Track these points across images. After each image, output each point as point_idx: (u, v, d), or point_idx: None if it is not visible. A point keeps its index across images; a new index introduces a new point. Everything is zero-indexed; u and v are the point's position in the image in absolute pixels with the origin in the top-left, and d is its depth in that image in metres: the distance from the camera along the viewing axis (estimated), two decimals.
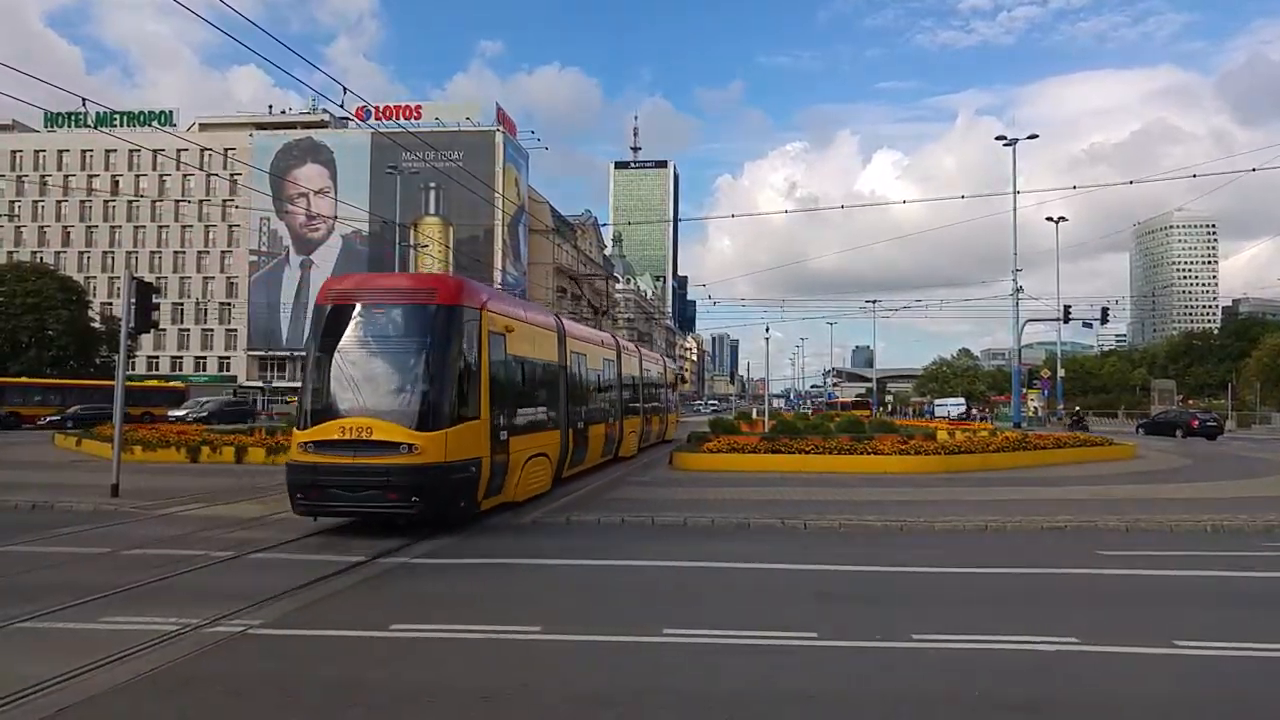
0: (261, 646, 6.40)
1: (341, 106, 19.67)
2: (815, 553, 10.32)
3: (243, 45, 24.06)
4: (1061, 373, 59.57)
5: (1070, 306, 44.55)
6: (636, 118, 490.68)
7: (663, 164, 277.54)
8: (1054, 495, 15.42)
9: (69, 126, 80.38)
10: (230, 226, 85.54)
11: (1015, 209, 38.26)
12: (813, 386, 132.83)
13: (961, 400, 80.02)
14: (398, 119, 69.92)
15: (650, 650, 6.33)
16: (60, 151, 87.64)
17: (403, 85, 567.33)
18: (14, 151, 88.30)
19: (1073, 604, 7.80)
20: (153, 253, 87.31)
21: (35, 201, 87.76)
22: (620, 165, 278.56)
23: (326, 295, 12.02)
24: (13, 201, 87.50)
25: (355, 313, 11.58)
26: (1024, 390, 47.50)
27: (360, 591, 8.21)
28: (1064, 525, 11.97)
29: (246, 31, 13.39)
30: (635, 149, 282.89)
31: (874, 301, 71.36)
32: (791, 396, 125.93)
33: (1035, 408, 55.10)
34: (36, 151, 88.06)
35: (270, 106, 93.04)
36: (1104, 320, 46.50)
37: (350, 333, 11.44)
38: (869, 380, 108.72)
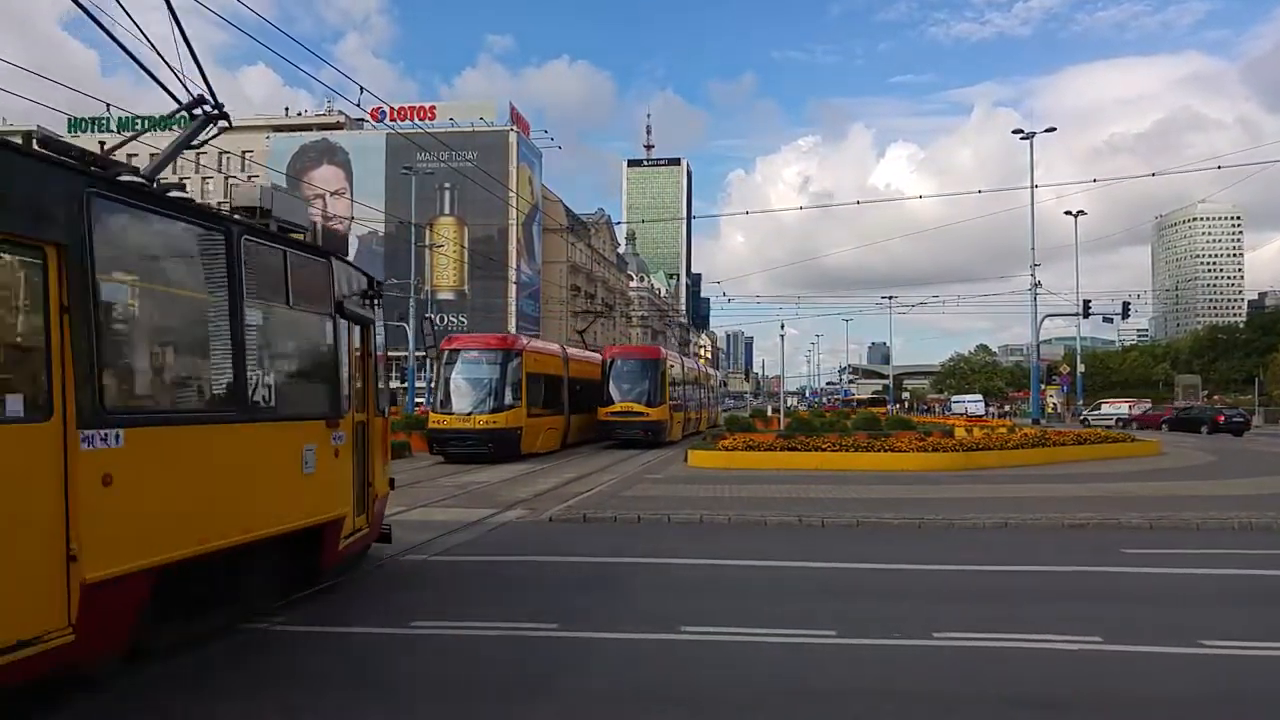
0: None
1: (358, 105, 19.79)
2: (833, 550, 10.24)
3: (259, 43, 24.35)
4: (1081, 368, 58.95)
5: (1090, 301, 44.06)
6: (649, 115, 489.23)
7: (676, 161, 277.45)
8: (1075, 492, 15.25)
9: (92, 131, 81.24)
10: None
11: (1033, 203, 37.85)
12: (828, 384, 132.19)
13: (980, 397, 79.44)
14: (412, 119, 70.20)
15: (668, 647, 6.29)
16: None
17: (412, 81, 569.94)
18: None
19: (1096, 602, 7.69)
20: None
21: None
22: (634, 163, 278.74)
23: (448, 344, 24.58)
24: None
25: (460, 355, 24.07)
26: (1043, 386, 47.09)
27: (376, 589, 8.23)
28: (1086, 523, 11.83)
29: (259, 31, 13.49)
30: (648, 146, 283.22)
31: (890, 297, 70.95)
32: (807, 394, 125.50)
33: (1054, 404, 54.63)
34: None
35: (286, 109, 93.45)
36: (1125, 315, 45.94)
37: (458, 365, 23.78)
38: (885, 377, 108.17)
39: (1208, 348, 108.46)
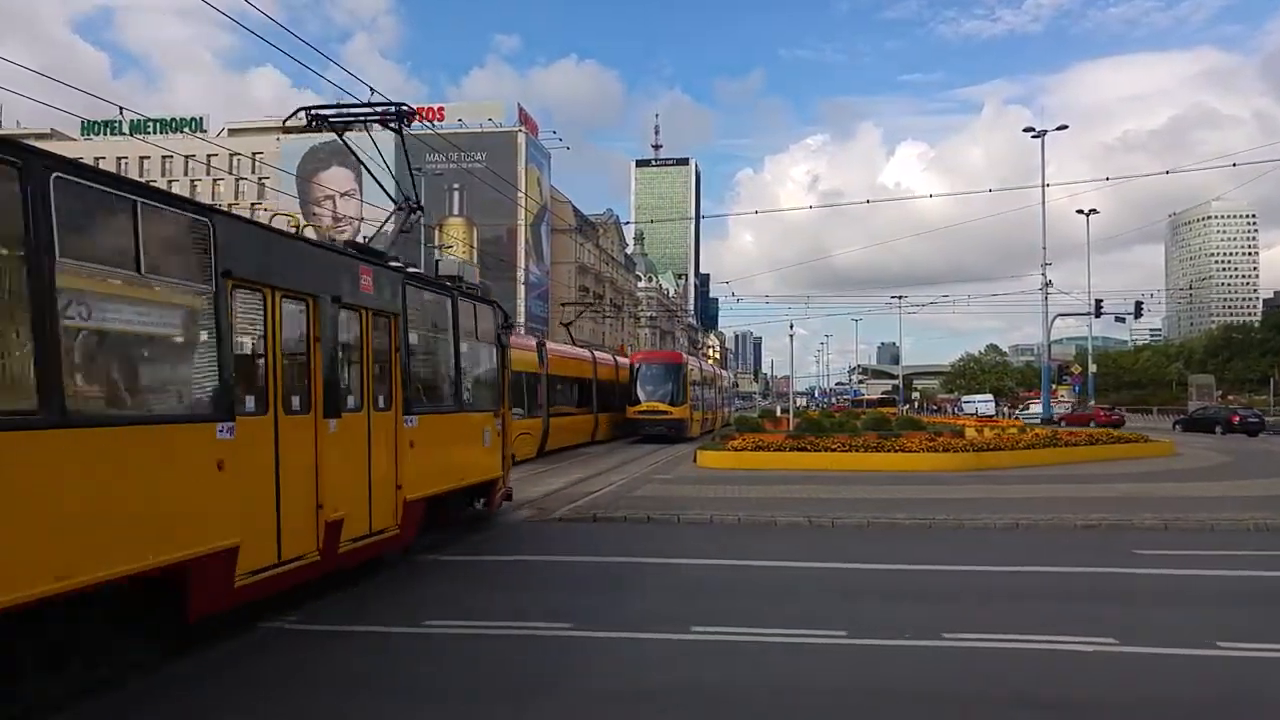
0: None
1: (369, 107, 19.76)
2: (843, 551, 10.23)
3: (267, 43, 24.33)
4: (1093, 368, 58.61)
5: (1102, 300, 43.76)
6: (658, 116, 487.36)
7: (684, 161, 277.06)
8: (1088, 493, 15.18)
9: (105, 134, 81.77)
10: None
11: (1044, 202, 37.74)
12: (838, 384, 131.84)
13: (990, 397, 79.06)
14: (421, 121, 70.50)
15: (679, 647, 6.30)
16: (97, 159, 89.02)
17: (420, 82, 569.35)
18: None
19: (1109, 604, 7.66)
20: None
21: None
22: (642, 163, 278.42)
23: (636, 358, 34.22)
24: None
25: (648, 364, 32.82)
26: (1054, 386, 46.83)
27: (390, 587, 8.27)
28: (1098, 523, 11.77)
29: (267, 31, 13.56)
30: (656, 147, 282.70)
31: (900, 297, 70.96)
32: (816, 394, 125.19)
33: (1067, 404, 54.28)
34: (76, 160, 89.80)
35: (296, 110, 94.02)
36: (1138, 314, 45.62)
37: (644, 370, 31.99)
38: (895, 377, 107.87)
39: (1222, 347, 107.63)
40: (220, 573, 5.92)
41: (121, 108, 14.66)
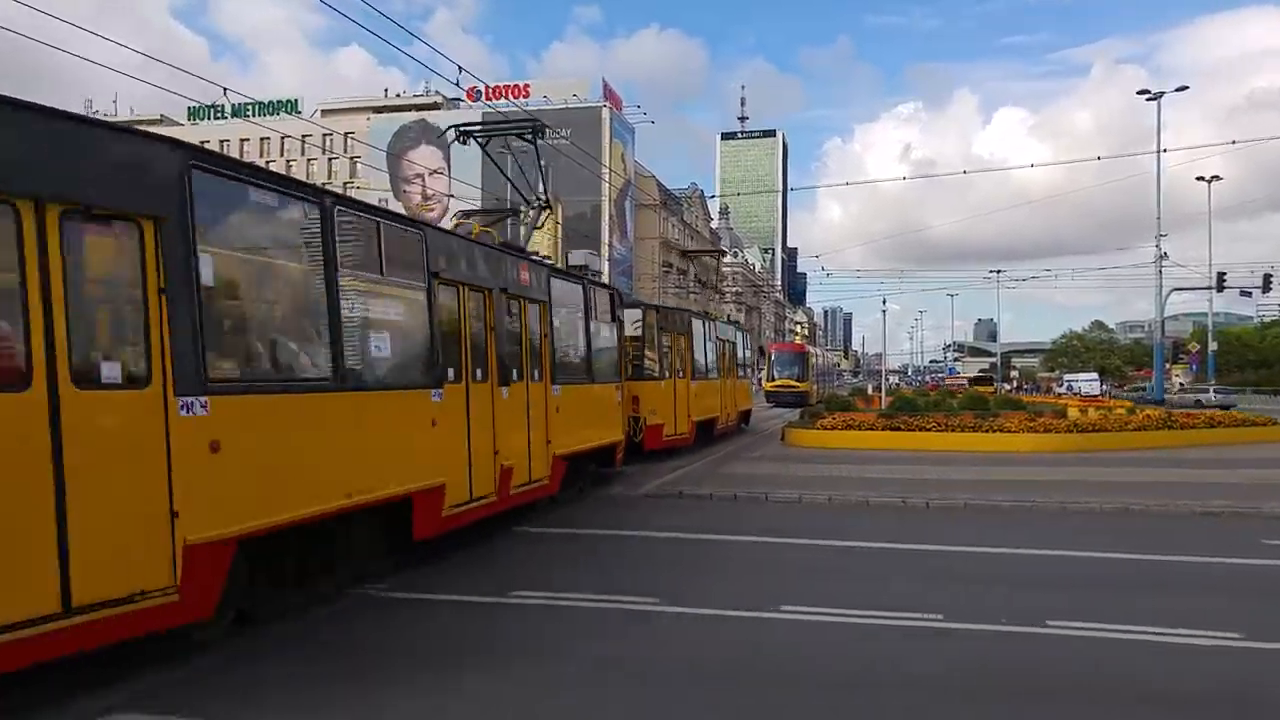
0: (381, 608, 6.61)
1: (457, 84, 20.10)
2: (939, 533, 9.87)
3: (353, 21, 24.93)
4: (1213, 346, 55.14)
5: (1225, 273, 40.89)
6: (744, 87, 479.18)
7: (770, 133, 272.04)
8: (1207, 478, 14.22)
9: (209, 118, 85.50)
10: None
11: (1160, 169, 35.42)
12: (932, 361, 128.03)
13: (1095, 375, 75.43)
14: (507, 98, 71.12)
15: (769, 626, 6.19)
16: (202, 142, 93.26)
17: (502, 56, 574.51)
18: None
19: (1232, 596, 7.15)
20: None
21: None
22: (727, 136, 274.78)
23: (772, 347, 52.92)
24: None
25: (782, 350, 49.30)
26: (1168, 365, 44.27)
27: (481, 557, 8.40)
28: (1220, 511, 11.02)
29: (353, 10, 13.92)
30: (742, 118, 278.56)
31: (998, 271, 67.78)
32: (909, 372, 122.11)
33: (1180, 384, 51.37)
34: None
35: (385, 90, 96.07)
36: (1266, 288, 42.27)
37: (778, 356, 46.80)
38: (992, 355, 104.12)
39: None
40: (434, 504, 7.58)
41: (225, 89, 15.17)
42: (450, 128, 13.46)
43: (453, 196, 72.68)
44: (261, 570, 5.93)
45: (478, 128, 13.34)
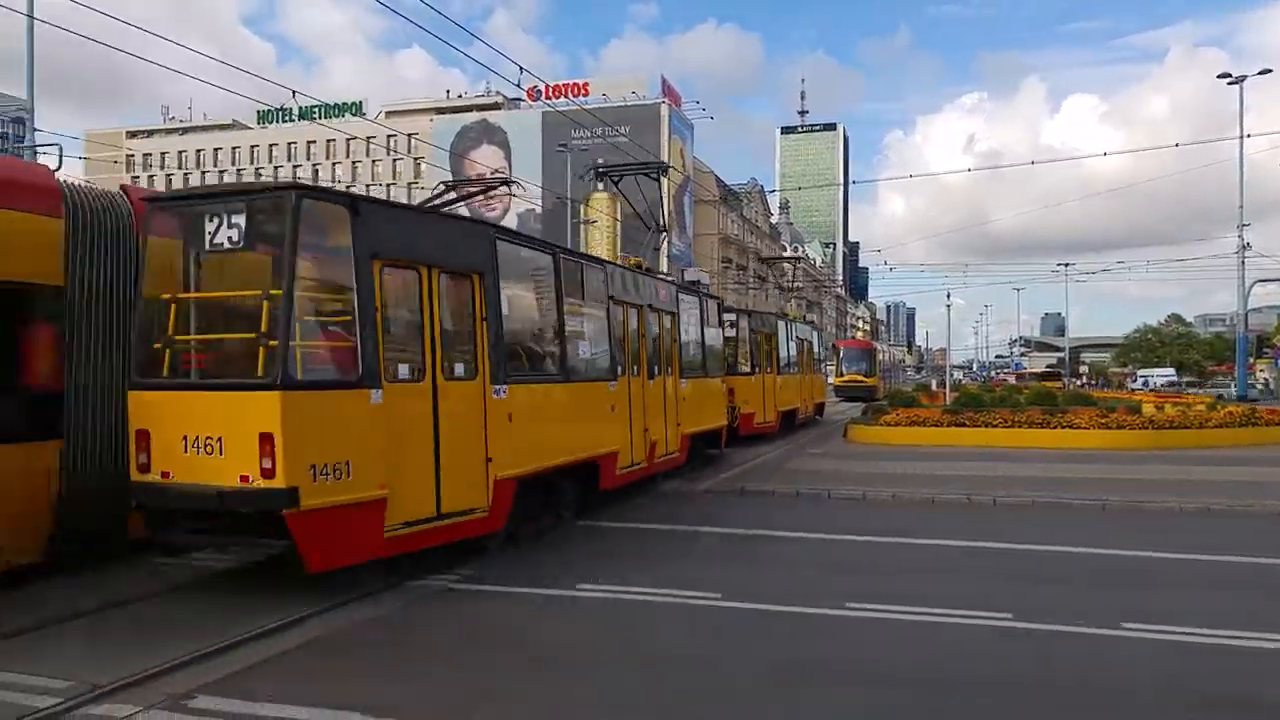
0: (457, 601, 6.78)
1: (518, 85, 20.39)
2: (1006, 531, 9.68)
3: (414, 24, 25.40)
4: None
5: None
6: (803, 81, 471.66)
7: (831, 127, 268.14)
8: None
9: (278, 121, 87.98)
10: None
11: (1242, 155, 33.90)
12: (997, 356, 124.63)
13: (1171, 371, 72.55)
14: (567, 97, 71.60)
15: (834, 623, 6.17)
16: (270, 145, 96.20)
17: (561, 55, 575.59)
18: (233, 148, 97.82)
19: None
20: None
21: None
22: (787, 130, 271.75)
23: (839, 344, 52.98)
24: None
25: (850, 347, 50.94)
26: (1251, 360, 42.40)
27: (545, 550, 8.54)
28: None
29: (413, 13, 14.25)
30: (802, 112, 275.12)
31: (1066, 264, 65.64)
32: (974, 367, 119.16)
33: (1266, 379, 49.09)
34: (251, 146, 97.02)
35: (448, 91, 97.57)
36: None
37: (847, 352, 47.49)
38: (1060, 350, 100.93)
39: None
40: (612, 466, 10.36)
41: (294, 92, 15.61)
42: (590, 167, 17.52)
43: (514, 196, 73.57)
44: (519, 504, 8.12)
45: (615, 168, 17.13)
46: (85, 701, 4.52)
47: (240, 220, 6.38)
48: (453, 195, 9.94)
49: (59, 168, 7.63)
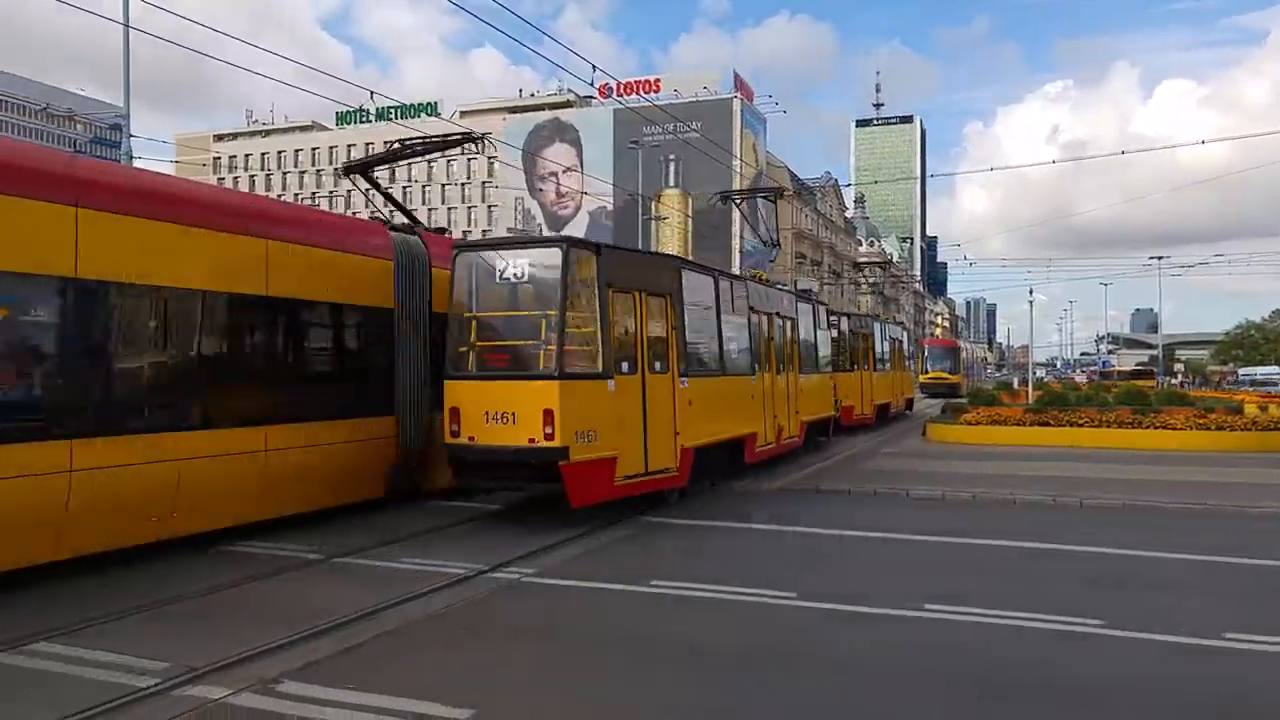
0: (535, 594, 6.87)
1: (590, 84, 20.43)
2: (1093, 534, 9.28)
3: (486, 24, 26.04)
4: None
5: None
6: (878, 73, 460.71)
7: (907, 119, 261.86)
8: None
9: (355, 123, 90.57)
10: (489, 207, 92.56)
11: None
12: (1083, 354, 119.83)
13: (1277, 369, 68.56)
14: (638, 94, 71.74)
15: (912, 625, 6.01)
16: (349, 145, 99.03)
17: (631, 51, 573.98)
18: (313, 148, 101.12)
19: None
20: None
21: (331, 192, 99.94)
22: (862, 123, 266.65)
23: (924, 341, 59.08)
24: (314, 193, 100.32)
25: (935, 345, 55.97)
26: None
27: (624, 547, 8.59)
28: None
29: (485, 13, 14.45)
30: (877, 105, 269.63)
31: (1159, 258, 62.72)
32: (1058, 365, 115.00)
33: None
34: (330, 147, 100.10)
35: (520, 90, 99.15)
36: None
37: (932, 350, 50.97)
38: (1152, 347, 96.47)
39: None
40: (753, 445, 12.92)
41: (372, 93, 16.03)
42: (717, 195, 20.93)
43: (586, 194, 74.13)
44: (694, 468, 10.72)
45: (736, 193, 21.35)
46: (181, 683, 4.71)
47: (524, 262, 9.32)
48: (410, 152, 12.87)
49: (387, 222, 11.40)
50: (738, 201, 20.62)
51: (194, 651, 5.11)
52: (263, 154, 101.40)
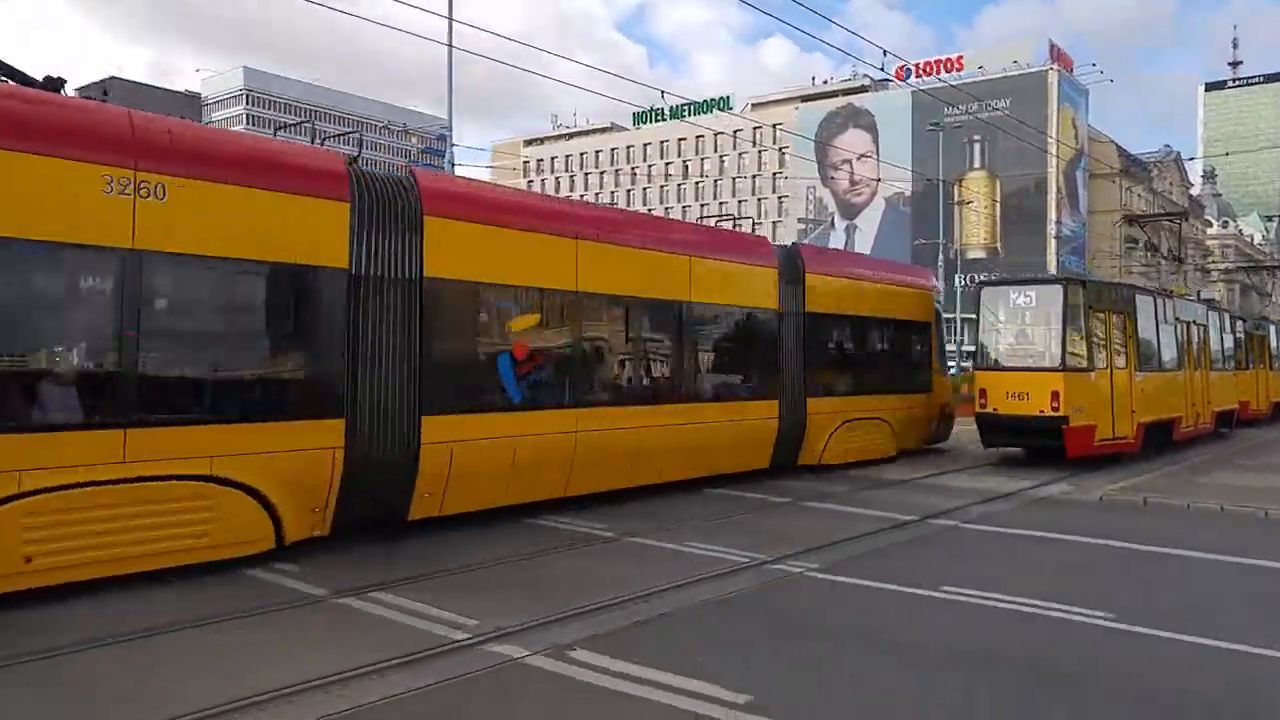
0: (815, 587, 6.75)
1: (881, 69, 19.65)
2: None
3: (773, 18, 26.38)
4: None
5: None
6: (1235, 27, 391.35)
7: (1273, 77, 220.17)
8: None
9: (650, 122, 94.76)
10: (780, 197, 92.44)
11: None
12: None
13: None
14: (938, 74, 67.70)
15: (1244, 661, 5.01)
16: (645, 145, 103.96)
17: (928, 28, 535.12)
18: (612, 149, 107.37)
19: None
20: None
21: (628, 190, 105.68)
22: (1212, 87, 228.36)
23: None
24: (612, 192, 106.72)
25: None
26: None
27: (913, 547, 8.24)
28: None
29: (772, 5, 14.44)
30: (1233, 64, 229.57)
31: None
32: None
33: None
34: (628, 147, 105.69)
35: (813, 78, 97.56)
36: None
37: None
38: None
39: None
40: (1179, 425, 15.85)
41: (664, 92, 16.76)
42: (1121, 218, 23.10)
43: (880, 180, 71.48)
44: (1144, 439, 14.39)
45: (1141, 218, 22.61)
46: (488, 639, 5.21)
47: (1033, 293, 13.96)
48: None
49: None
50: (1142, 225, 23.57)
51: (499, 612, 5.64)
52: (566, 156, 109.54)
